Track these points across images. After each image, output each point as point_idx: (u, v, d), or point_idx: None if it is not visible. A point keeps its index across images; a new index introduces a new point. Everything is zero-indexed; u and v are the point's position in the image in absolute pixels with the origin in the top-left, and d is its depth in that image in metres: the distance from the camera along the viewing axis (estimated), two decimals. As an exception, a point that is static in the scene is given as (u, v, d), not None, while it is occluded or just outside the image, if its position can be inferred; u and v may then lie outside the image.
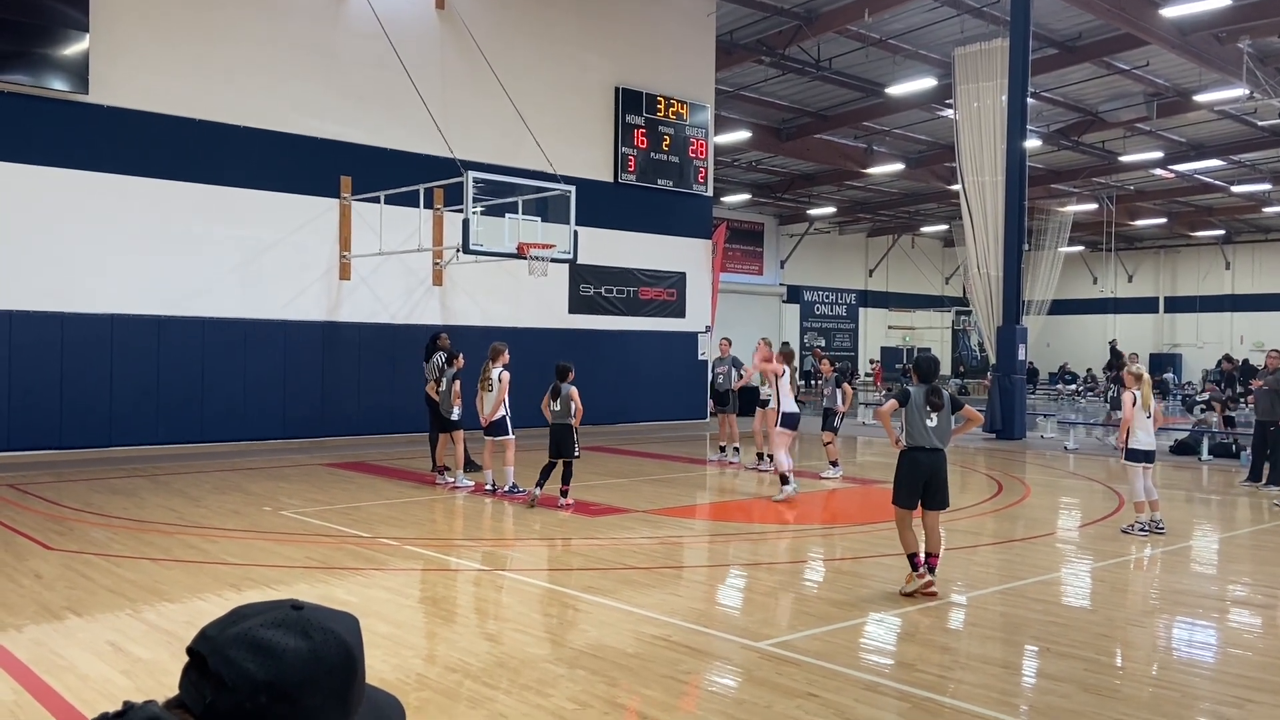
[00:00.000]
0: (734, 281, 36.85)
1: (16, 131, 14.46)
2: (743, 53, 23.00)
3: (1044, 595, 7.72)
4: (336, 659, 1.19)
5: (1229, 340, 42.83)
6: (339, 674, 1.19)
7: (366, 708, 1.26)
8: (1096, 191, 35.37)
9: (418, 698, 5.08)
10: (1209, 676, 5.84)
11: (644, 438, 19.51)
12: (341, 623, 1.24)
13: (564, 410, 11.05)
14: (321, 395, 17.43)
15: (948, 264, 47.63)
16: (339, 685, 1.19)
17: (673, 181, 22.40)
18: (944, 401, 7.47)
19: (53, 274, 14.76)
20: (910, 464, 7.47)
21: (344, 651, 1.20)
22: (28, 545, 8.71)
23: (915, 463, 7.45)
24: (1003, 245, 20.20)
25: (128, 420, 15.41)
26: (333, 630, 1.20)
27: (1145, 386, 10.29)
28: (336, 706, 1.19)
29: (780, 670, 5.62)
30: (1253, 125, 27.92)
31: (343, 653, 1.20)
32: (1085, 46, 22.29)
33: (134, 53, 15.39)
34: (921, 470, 7.44)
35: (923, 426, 7.44)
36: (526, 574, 8.30)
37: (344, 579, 7.70)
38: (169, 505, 10.87)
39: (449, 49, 18.65)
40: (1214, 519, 12.09)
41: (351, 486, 12.68)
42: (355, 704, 1.23)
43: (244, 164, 16.45)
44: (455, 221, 16.23)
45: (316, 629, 1.19)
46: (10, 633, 6.13)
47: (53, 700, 4.99)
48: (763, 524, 10.74)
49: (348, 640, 1.21)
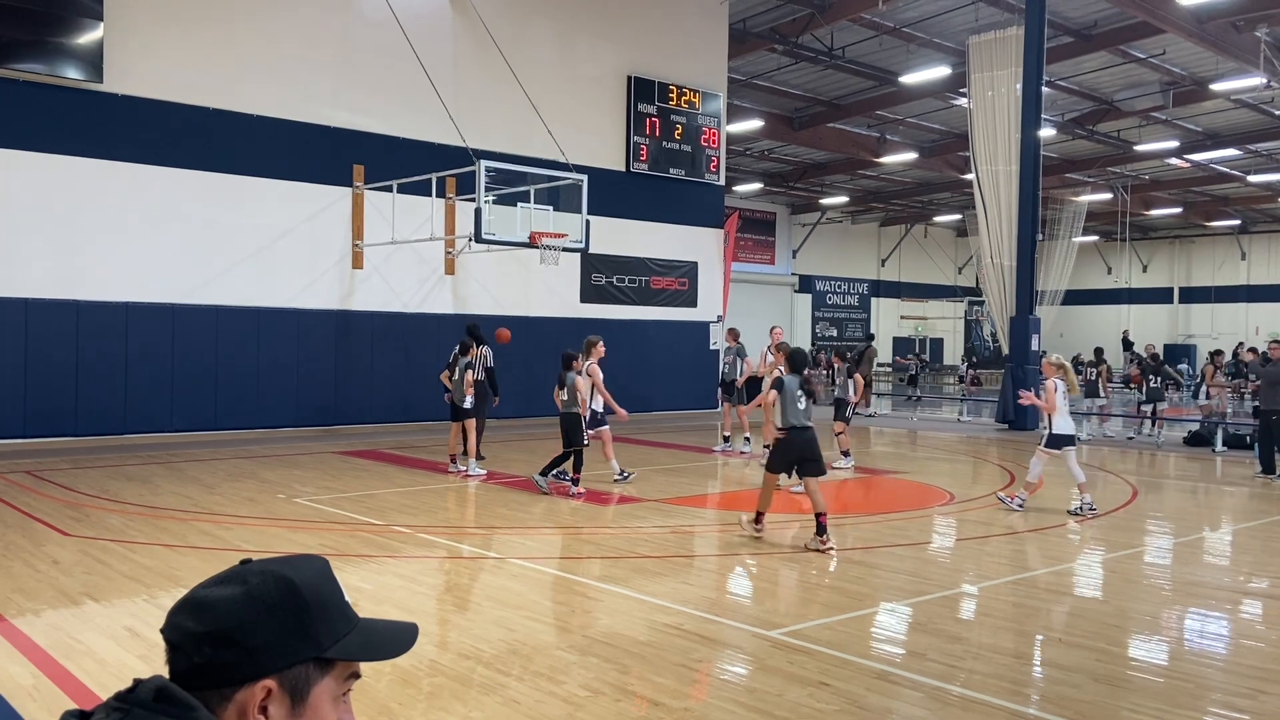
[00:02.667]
0: (746, 271, 36.77)
1: (31, 120, 14.52)
2: (755, 41, 22.90)
3: (1055, 586, 7.71)
4: (275, 596, 1.19)
5: (1245, 331, 42.53)
6: (284, 609, 1.19)
7: (354, 636, 1.24)
8: (1111, 181, 35.15)
9: (430, 684, 5.12)
10: (1221, 667, 5.83)
11: (656, 427, 19.53)
12: (290, 564, 1.23)
13: (571, 399, 11.08)
14: (335, 383, 17.50)
15: (961, 254, 47.43)
16: (289, 620, 1.19)
17: (685, 170, 22.36)
18: (811, 389, 8.89)
19: (68, 262, 14.84)
20: (788, 442, 8.69)
21: (284, 586, 1.20)
22: (45, 531, 8.79)
23: (791, 440, 8.67)
24: (1016, 235, 20.11)
25: (143, 408, 15.50)
26: (271, 571, 1.21)
27: (1069, 375, 10.64)
28: (296, 639, 1.19)
29: (792, 659, 5.63)
30: (1270, 114, 27.69)
31: (282, 587, 1.19)
32: (1101, 35, 22.12)
33: (148, 42, 15.43)
34: (796, 446, 8.64)
35: (797, 409, 8.68)
36: (539, 562, 8.34)
37: (358, 566, 7.75)
38: (184, 492, 10.94)
39: (461, 37, 18.64)
40: (1227, 510, 12.05)
41: (365, 474, 12.74)
42: (326, 635, 1.21)
43: (257, 153, 16.49)
44: (467, 210, 16.24)
45: (254, 574, 1.20)
46: (28, 617, 6.19)
47: (70, 684, 5.04)
48: (774, 514, 10.74)
49: (289, 576, 1.21)
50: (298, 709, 1.20)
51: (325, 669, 1.22)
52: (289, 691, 1.19)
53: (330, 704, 1.23)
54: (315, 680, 1.21)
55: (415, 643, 1.31)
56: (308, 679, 1.20)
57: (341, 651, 1.23)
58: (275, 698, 1.18)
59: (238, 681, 1.17)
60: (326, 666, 1.22)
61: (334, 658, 1.22)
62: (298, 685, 1.20)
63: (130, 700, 1.12)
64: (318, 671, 1.21)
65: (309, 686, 1.20)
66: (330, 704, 1.23)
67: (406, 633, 1.30)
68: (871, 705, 4.95)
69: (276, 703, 1.18)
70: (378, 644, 1.27)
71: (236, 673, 1.16)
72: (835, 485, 12.23)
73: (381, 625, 1.29)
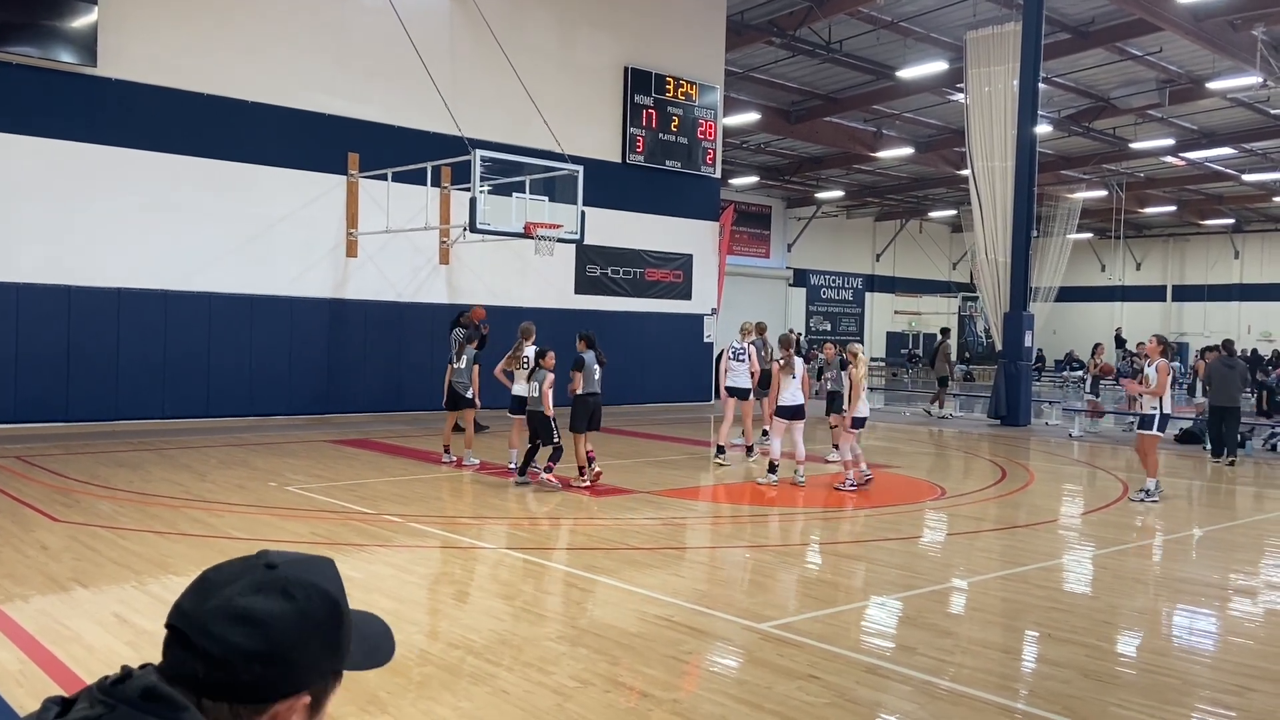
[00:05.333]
0: (740, 264, 36.73)
1: (24, 104, 14.44)
2: (753, 34, 22.85)
3: (1046, 581, 7.73)
4: (323, 612, 1.18)
5: (1237, 330, 42.64)
6: (328, 626, 1.19)
7: (357, 642, 1.26)
8: (1106, 178, 35.18)
9: (420, 673, 5.12)
10: (1209, 664, 5.85)
11: (648, 419, 19.53)
12: (319, 571, 1.22)
13: (537, 397, 10.96)
14: (328, 372, 17.46)
15: (955, 249, 47.46)
16: (330, 636, 1.19)
17: (681, 163, 22.32)
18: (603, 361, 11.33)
19: (60, 247, 14.78)
20: (584, 404, 11.06)
21: (329, 603, 1.20)
22: (34, 517, 8.76)
23: (587, 403, 11.06)
24: (1011, 231, 20.12)
25: (134, 394, 15.45)
26: (313, 584, 1.19)
27: (863, 365, 11.52)
28: (331, 654, 1.20)
29: (781, 651, 5.64)
30: (1265, 113, 27.71)
31: (328, 605, 1.19)
32: (1098, 32, 22.11)
33: (143, 26, 15.34)
34: (589, 407, 11.06)
35: (593, 380, 11.17)
36: (530, 552, 8.33)
37: (348, 555, 7.73)
38: (175, 479, 10.91)
39: (458, 26, 18.57)
40: (1217, 507, 12.09)
41: (356, 463, 12.71)
42: (347, 646, 1.23)
43: (252, 139, 16.42)
44: (462, 200, 16.20)
45: (297, 586, 1.17)
46: (17, 603, 6.17)
47: (58, 670, 5.03)
48: (766, 506, 10.76)
49: (330, 590, 1.21)
50: (315, 716, 1.22)
51: (339, 676, 1.25)
52: (314, 700, 1.20)
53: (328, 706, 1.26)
54: (332, 687, 1.23)
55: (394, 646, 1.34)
56: (328, 687, 1.22)
57: (352, 663, 1.25)
58: (303, 708, 1.19)
59: (279, 697, 1.16)
60: (339, 674, 1.25)
61: (347, 669, 1.25)
62: (321, 695, 1.21)
63: (116, 695, 1.10)
64: (334, 679, 1.23)
65: (328, 694, 1.23)
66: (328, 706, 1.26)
67: (386, 635, 1.33)
68: (861, 699, 4.96)
69: (302, 713, 1.19)
70: (374, 651, 1.30)
71: (280, 689, 1.15)
72: (828, 478, 12.22)
73: (367, 629, 1.30)
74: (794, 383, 11.77)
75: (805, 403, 12.01)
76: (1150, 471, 11.35)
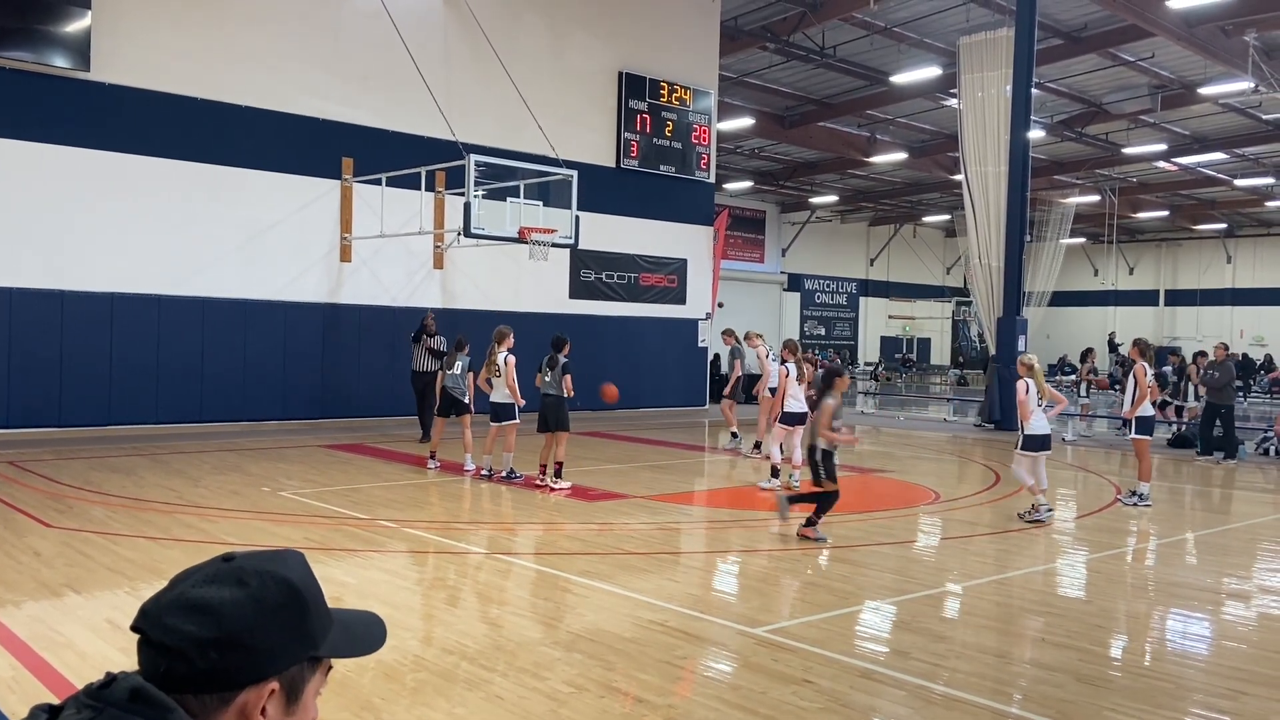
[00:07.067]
0: (735, 269, 36.75)
1: (17, 108, 14.41)
2: (747, 39, 22.89)
3: (1039, 586, 7.74)
4: (279, 597, 1.18)
5: (1229, 334, 42.75)
6: (288, 611, 1.19)
7: (337, 632, 1.25)
8: (1099, 183, 35.28)
9: (414, 679, 5.11)
10: (1203, 668, 5.86)
11: (643, 424, 19.52)
12: (280, 561, 1.23)
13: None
14: (321, 377, 17.43)
15: (949, 254, 47.53)
16: (292, 621, 1.19)
17: (675, 168, 22.34)
18: (556, 365, 11.46)
19: (53, 251, 14.74)
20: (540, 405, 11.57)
21: (285, 587, 1.19)
22: (27, 522, 8.73)
23: (543, 402, 11.50)
24: (1004, 236, 20.16)
25: (127, 399, 15.41)
26: (269, 571, 1.20)
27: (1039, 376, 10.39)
28: (297, 640, 1.19)
29: (776, 656, 5.64)
30: (1257, 119, 27.81)
31: (284, 589, 1.19)
32: (1091, 37, 22.20)
33: (136, 30, 15.33)
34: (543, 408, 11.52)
35: (545, 381, 11.52)
36: (524, 558, 8.32)
37: (342, 560, 7.72)
38: (168, 485, 10.88)
39: (452, 31, 18.57)
40: (1210, 511, 12.12)
41: (350, 468, 12.69)
42: (319, 633, 1.22)
43: (245, 144, 16.40)
44: (457, 205, 16.19)
45: (251, 574, 1.18)
46: (9, 609, 6.15)
47: (50, 676, 5.01)
48: (760, 511, 10.76)
49: (288, 576, 1.21)
50: (292, 707, 1.20)
51: (315, 666, 1.23)
52: (287, 691, 1.19)
53: (313, 699, 1.25)
54: (308, 678, 1.22)
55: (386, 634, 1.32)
56: (302, 677, 1.21)
57: (330, 649, 1.24)
58: (275, 698, 1.18)
59: (242, 685, 1.16)
60: (315, 663, 1.23)
61: (324, 656, 1.24)
62: (294, 684, 1.20)
63: (103, 699, 1.10)
64: (309, 669, 1.22)
65: (303, 685, 1.22)
66: (313, 699, 1.25)
67: (377, 625, 1.32)
68: (855, 703, 4.96)
69: (275, 703, 1.18)
70: (359, 639, 1.28)
71: (242, 676, 1.15)
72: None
73: (352, 618, 1.30)
74: (799, 389, 11.82)
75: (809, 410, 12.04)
76: (1142, 475, 11.37)
